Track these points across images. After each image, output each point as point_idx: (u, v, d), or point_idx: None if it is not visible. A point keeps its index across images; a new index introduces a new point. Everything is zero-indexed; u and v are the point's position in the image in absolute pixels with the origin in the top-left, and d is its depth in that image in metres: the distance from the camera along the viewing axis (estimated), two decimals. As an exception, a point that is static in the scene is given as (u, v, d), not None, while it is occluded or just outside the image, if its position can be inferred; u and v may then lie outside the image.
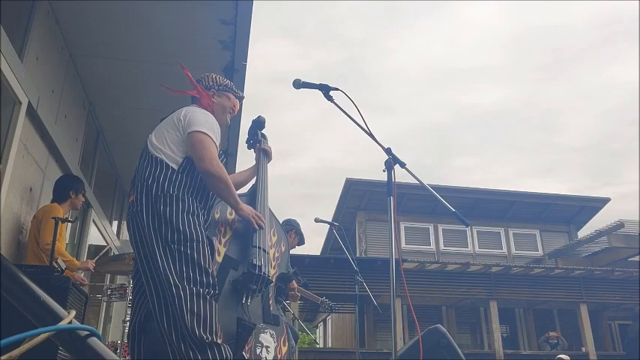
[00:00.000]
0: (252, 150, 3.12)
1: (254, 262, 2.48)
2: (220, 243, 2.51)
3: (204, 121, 2.31)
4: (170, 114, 2.41)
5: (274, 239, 2.83)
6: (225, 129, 2.45)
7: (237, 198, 2.40)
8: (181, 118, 2.29)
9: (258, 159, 2.97)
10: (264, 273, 2.49)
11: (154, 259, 2.04)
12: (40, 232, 3.66)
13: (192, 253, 2.05)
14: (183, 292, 1.95)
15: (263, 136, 3.17)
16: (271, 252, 2.75)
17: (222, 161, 2.42)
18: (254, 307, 2.50)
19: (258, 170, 2.91)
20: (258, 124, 3.14)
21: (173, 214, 2.09)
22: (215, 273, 2.37)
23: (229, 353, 1.96)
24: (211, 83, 2.54)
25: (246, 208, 2.48)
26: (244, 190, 2.87)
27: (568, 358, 8.65)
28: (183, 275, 1.99)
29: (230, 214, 2.60)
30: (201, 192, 2.26)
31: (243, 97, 2.73)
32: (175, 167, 2.21)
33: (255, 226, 2.50)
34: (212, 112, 2.44)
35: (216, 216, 2.51)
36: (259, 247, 2.56)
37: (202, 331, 1.90)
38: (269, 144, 3.15)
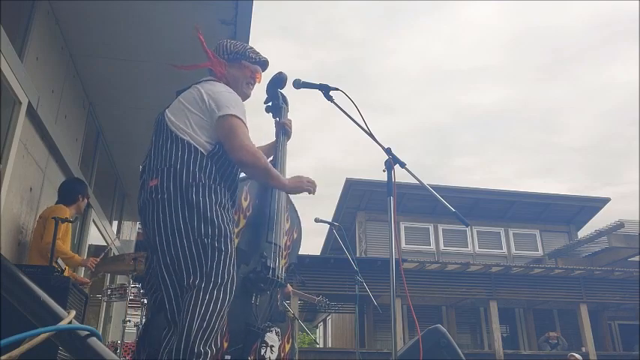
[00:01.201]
0: (271, 115, 2.81)
1: (268, 263, 2.34)
2: (233, 233, 2.31)
3: (233, 101, 2.07)
4: (188, 88, 2.18)
5: (287, 225, 2.63)
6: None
7: (281, 179, 2.19)
8: (205, 99, 2.04)
9: (277, 135, 2.75)
10: (278, 276, 2.36)
11: (179, 252, 1.84)
12: (46, 232, 3.69)
13: (227, 249, 1.88)
14: (203, 293, 1.78)
15: (283, 98, 2.85)
16: (283, 240, 2.56)
17: None
18: (262, 304, 2.40)
19: (277, 149, 2.67)
20: (279, 81, 2.76)
21: (207, 205, 1.89)
22: None
23: None
24: (222, 52, 2.29)
25: (296, 183, 2.25)
26: None
27: (580, 357, 8.65)
28: (211, 274, 1.82)
29: (244, 200, 2.41)
30: (229, 181, 2.06)
31: (265, 61, 2.37)
32: (204, 152, 1.98)
33: (313, 191, 2.30)
34: (227, 84, 2.20)
35: None
36: (274, 244, 2.40)
37: (203, 345, 1.74)
38: (289, 109, 2.85)
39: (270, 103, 2.84)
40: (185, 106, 2.07)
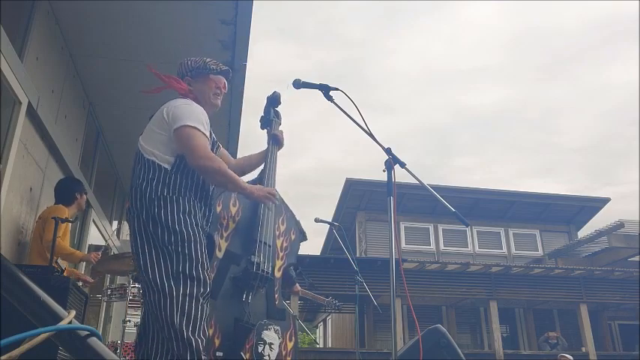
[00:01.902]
0: (265, 130, 2.95)
1: (252, 259, 2.42)
2: (222, 237, 2.43)
3: (188, 113, 2.18)
4: (157, 111, 2.30)
5: (283, 228, 2.73)
6: (223, 125, 2.34)
7: (241, 183, 2.29)
8: (165, 116, 2.19)
9: (268, 144, 2.86)
10: (263, 270, 2.42)
11: (151, 262, 2.01)
12: (45, 232, 3.70)
13: (190, 252, 2.03)
14: (176, 293, 1.94)
15: (276, 113, 3.01)
16: (279, 242, 2.67)
17: (215, 151, 2.34)
18: (257, 302, 2.44)
19: (267, 157, 2.77)
20: (273, 100, 2.98)
21: (168, 215, 2.05)
22: (215, 270, 2.33)
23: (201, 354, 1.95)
24: (185, 71, 2.40)
25: (256, 190, 2.37)
26: (254, 174, 2.77)
27: (571, 358, 8.65)
28: (179, 276, 1.98)
29: (233, 206, 2.51)
30: (199, 189, 2.19)
31: (227, 70, 2.48)
32: (168, 167, 2.14)
33: (270, 204, 2.44)
34: (194, 100, 2.31)
35: (218, 209, 2.43)
36: (261, 242, 2.48)
37: (190, 332, 1.90)
38: (281, 123, 3.00)
39: (265, 120, 3.00)
40: (152, 127, 2.24)
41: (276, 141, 2.86)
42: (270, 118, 2.97)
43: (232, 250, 2.45)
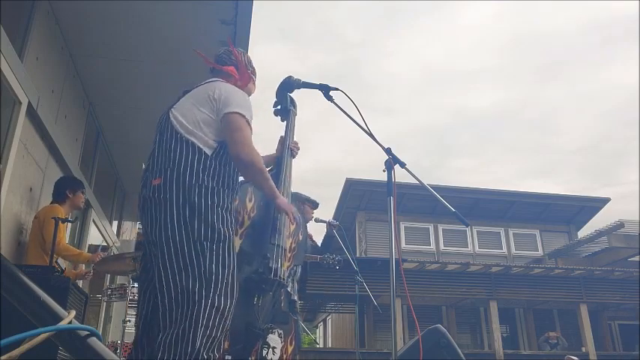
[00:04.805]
0: (279, 117, 2.86)
1: (270, 264, 2.35)
2: (236, 234, 2.32)
3: (243, 102, 2.07)
4: (196, 87, 2.16)
5: (292, 227, 2.66)
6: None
7: (274, 186, 2.21)
8: (216, 98, 2.03)
9: (281, 152, 2.80)
10: (280, 277, 2.38)
11: (179, 253, 1.81)
12: (44, 233, 3.68)
13: (225, 252, 1.86)
14: (205, 301, 1.76)
15: (292, 101, 2.88)
16: (288, 242, 2.60)
17: None
18: (264, 305, 2.41)
19: (281, 167, 2.72)
20: (288, 85, 2.72)
21: (209, 207, 1.87)
22: None
23: None
24: (247, 64, 2.32)
25: (284, 201, 2.29)
26: None
27: (576, 359, 8.63)
28: (211, 277, 1.80)
29: (249, 201, 2.43)
30: (233, 182, 2.03)
31: None
32: (209, 153, 1.97)
33: (292, 219, 2.35)
34: None
35: (235, 203, 2.31)
36: (278, 245, 2.42)
37: (207, 351, 1.73)
38: (297, 113, 2.91)
39: (278, 107, 2.86)
40: (195, 105, 2.06)
41: (290, 153, 2.81)
42: (287, 107, 2.84)
43: (246, 249, 2.36)
